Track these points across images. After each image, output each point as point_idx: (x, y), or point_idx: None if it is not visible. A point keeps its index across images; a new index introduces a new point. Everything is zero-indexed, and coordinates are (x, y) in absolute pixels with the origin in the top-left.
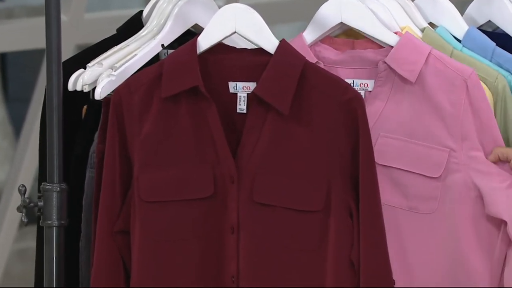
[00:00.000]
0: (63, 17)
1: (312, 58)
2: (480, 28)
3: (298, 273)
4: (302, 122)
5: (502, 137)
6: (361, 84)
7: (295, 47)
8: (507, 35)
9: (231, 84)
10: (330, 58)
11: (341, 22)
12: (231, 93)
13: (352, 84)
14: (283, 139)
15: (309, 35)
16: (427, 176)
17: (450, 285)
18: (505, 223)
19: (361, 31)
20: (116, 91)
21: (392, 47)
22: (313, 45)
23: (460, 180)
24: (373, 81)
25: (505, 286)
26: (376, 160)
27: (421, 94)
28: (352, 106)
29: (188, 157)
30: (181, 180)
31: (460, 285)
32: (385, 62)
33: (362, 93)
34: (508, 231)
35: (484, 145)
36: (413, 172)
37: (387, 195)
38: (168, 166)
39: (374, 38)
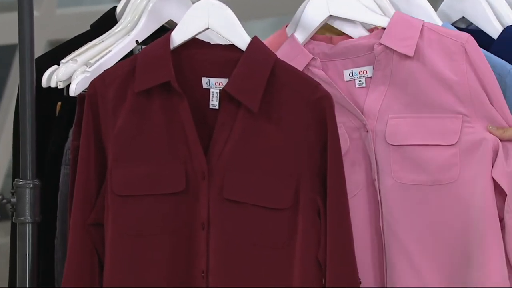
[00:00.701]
0: (35, 13)
1: (307, 56)
2: (454, 25)
3: (267, 271)
4: (272, 120)
5: None
6: (360, 72)
7: (289, 48)
8: (480, 31)
9: (204, 80)
10: (325, 53)
11: (330, 16)
12: (204, 88)
13: (350, 74)
14: (253, 136)
15: (301, 34)
16: (444, 145)
17: (481, 251)
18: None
19: (352, 20)
20: (92, 84)
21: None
22: (307, 43)
23: (477, 143)
24: (372, 66)
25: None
26: (390, 142)
27: (422, 68)
28: (321, 105)
29: (161, 152)
30: (154, 175)
31: (492, 248)
32: (381, 43)
33: (363, 80)
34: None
35: (495, 106)
36: (430, 145)
37: (407, 174)
38: (140, 161)
39: (362, 26)
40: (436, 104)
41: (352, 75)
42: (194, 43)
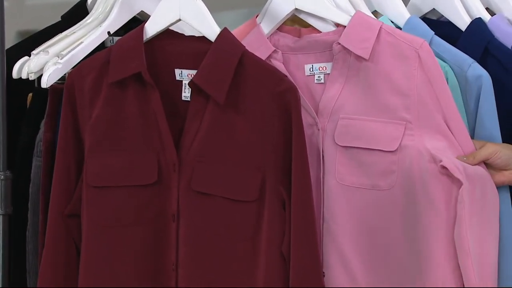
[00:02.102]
0: (4, 3)
1: (269, 48)
2: (424, 17)
3: (233, 262)
4: (238, 112)
5: None
6: (320, 68)
7: (253, 39)
8: (450, 23)
9: (177, 71)
10: (289, 46)
11: (296, 9)
12: (178, 80)
13: (311, 69)
14: (220, 128)
15: (266, 25)
16: (384, 151)
17: (415, 257)
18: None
19: (316, 15)
20: (69, 75)
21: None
22: (272, 34)
23: (415, 151)
24: (331, 63)
25: (456, 244)
26: (338, 142)
27: (375, 70)
28: (286, 98)
29: (134, 144)
30: (127, 166)
31: (423, 255)
32: (339, 43)
33: (322, 76)
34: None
35: (443, 113)
36: (372, 149)
37: (350, 176)
38: (114, 152)
39: (328, 20)
40: (384, 108)
41: (312, 70)
42: (168, 34)
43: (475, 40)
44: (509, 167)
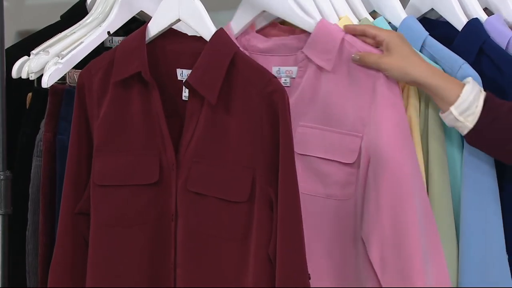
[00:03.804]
0: (4, 3)
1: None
2: (424, 17)
3: (226, 263)
4: (230, 112)
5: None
6: (287, 72)
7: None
8: (449, 23)
9: (179, 71)
10: (257, 46)
11: (264, 10)
12: (179, 80)
13: (278, 72)
14: (214, 128)
15: (236, 25)
16: (342, 163)
17: (366, 266)
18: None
19: (282, 18)
20: (80, 75)
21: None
22: (243, 33)
23: (367, 162)
24: (297, 68)
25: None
26: (296, 150)
27: (336, 81)
28: (274, 99)
29: (138, 143)
30: (130, 166)
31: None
32: (303, 52)
33: (288, 80)
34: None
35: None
36: (330, 160)
37: (306, 184)
38: (119, 151)
39: (294, 25)
40: (342, 119)
41: (279, 73)
42: (171, 34)
43: (470, 40)
44: (400, 81)
